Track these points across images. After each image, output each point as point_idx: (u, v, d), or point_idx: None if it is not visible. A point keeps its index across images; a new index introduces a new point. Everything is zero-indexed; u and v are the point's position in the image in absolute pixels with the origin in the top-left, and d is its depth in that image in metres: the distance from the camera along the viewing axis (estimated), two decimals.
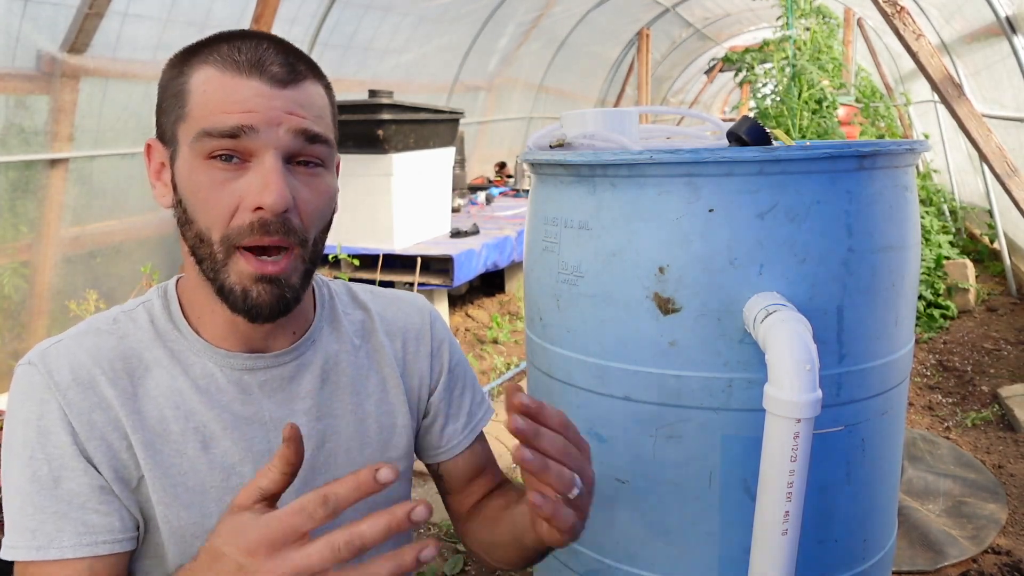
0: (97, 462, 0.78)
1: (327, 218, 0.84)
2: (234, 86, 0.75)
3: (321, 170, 0.81)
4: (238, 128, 0.74)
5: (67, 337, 0.83)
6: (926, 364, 3.81)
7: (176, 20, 3.62)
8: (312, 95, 0.80)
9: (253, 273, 0.77)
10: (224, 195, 0.76)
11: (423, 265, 3.87)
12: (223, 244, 0.76)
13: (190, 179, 0.77)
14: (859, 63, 7.54)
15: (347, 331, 0.95)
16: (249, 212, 0.75)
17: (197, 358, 0.85)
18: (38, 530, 0.75)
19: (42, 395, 0.78)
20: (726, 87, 15.57)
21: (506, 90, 7.73)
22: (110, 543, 0.77)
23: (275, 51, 0.78)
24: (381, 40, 5.44)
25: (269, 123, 0.75)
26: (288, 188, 0.76)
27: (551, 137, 1.19)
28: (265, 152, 0.75)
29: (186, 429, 0.82)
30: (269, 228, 0.75)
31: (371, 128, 3.72)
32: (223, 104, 0.75)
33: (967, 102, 2.96)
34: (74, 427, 0.77)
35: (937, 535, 2.24)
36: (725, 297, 0.95)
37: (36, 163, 3.14)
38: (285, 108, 0.76)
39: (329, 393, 0.91)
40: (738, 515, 1.00)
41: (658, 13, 9.17)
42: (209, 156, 0.76)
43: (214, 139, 0.75)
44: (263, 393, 0.86)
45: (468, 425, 1.03)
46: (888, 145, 0.98)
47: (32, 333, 3.25)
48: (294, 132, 0.76)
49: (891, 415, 1.08)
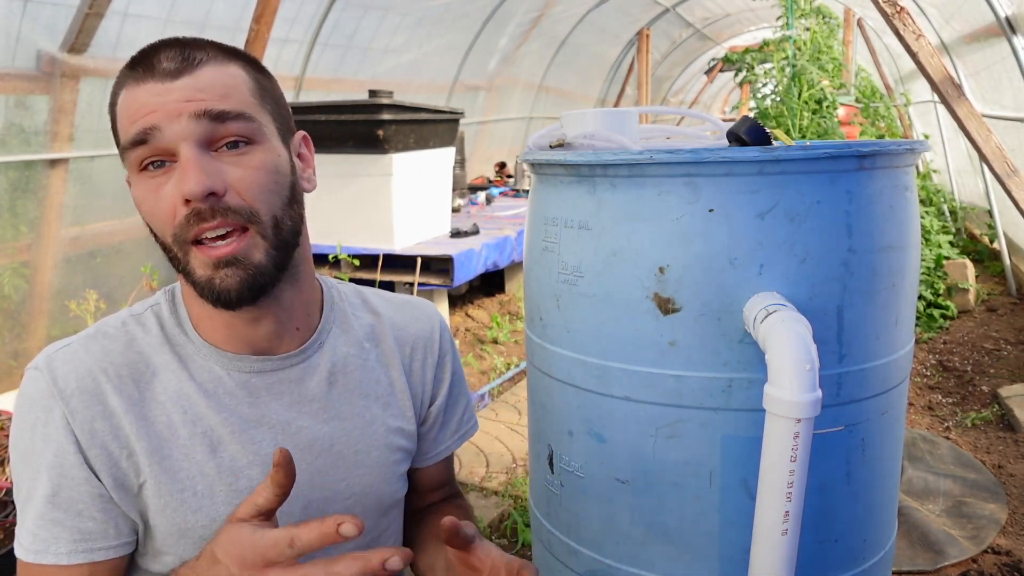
0: (97, 470, 0.79)
1: (279, 191, 0.81)
2: (134, 95, 0.76)
3: (250, 147, 0.79)
4: (141, 132, 0.75)
5: (75, 341, 0.83)
6: (926, 364, 3.81)
7: (176, 20, 3.62)
8: (214, 77, 0.78)
9: (209, 260, 0.77)
10: (161, 200, 0.76)
11: (423, 265, 3.87)
12: (176, 244, 0.77)
13: (135, 195, 0.79)
14: (859, 63, 7.54)
15: (357, 333, 0.95)
16: (183, 207, 0.75)
17: (204, 361, 0.85)
18: (38, 534, 0.77)
19: (46, 402, 0.79)
20: (726, 87, 15.57)
21: (506, 90, 7.74)
22: (105, 549, 0.78)
23: (168, 47, 0.78)
24: (381, 40, 5.44)
25: (168, 116, 0.75)
26: (205, 172, 0.75)
27: (551, 137, 1.19)
28: (179, 146, 0.75)
29: (194, 433, 0.82)
30: (204, 215, 0.75)
31: (371, 128, 3.72)
32: (129, 116, 0.76)
33: (967, 102, 2.96)
34: (76, 435, 0.78)
35: (937, 535, 2.24)
36: (725, 297, 0.95)
37: (36, 163, 3.14)
38: (181, 97, 0.75)
39: (337, 395, 0.91)
40: (738, 515, 1.00)
41: (658, 13, 9.17)
42: (141, 169, 0.77)
43: (131, 151, 0.76)
44: (270, 396, 0.86)
45: (457, 433, 1.06)
46: (888, 145, 0.98)
47: (32, 333, 3.25)
48: (196, 116, 0.75)
49: (891, 415, 1.08)
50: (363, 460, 0.92)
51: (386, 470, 0.94)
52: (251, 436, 0.84)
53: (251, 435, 0.84)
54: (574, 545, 1.15)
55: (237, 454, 0.83)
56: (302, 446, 0.87)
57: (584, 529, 1.12)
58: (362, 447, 0.92)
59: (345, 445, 0.90)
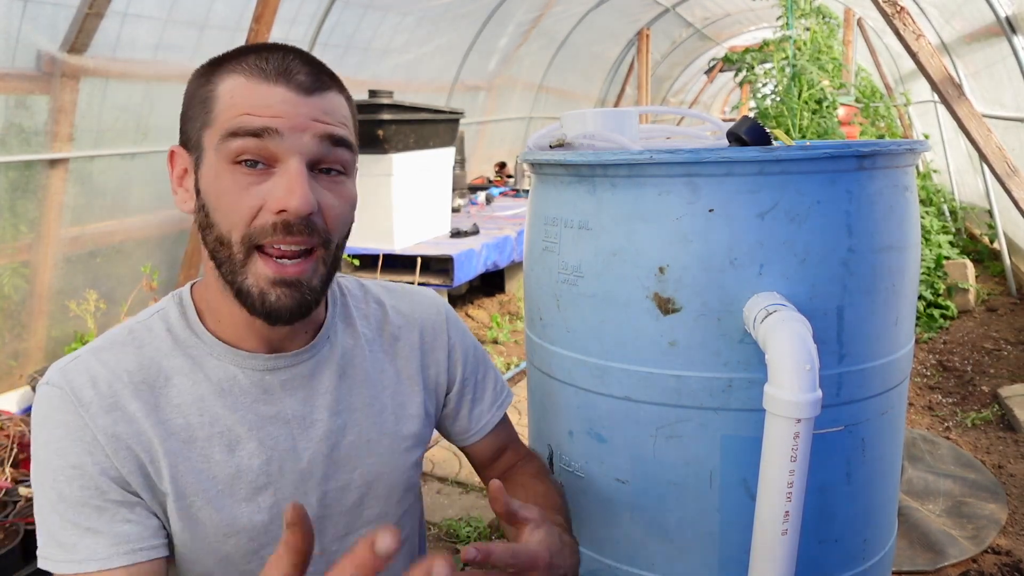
0: (126, 473, 0.79)
1: (349, 224, 0.86)
2: (261, 92, 0.77)
3: (343, 177, 0.83)
4: (263, 129, 0.76)
5: (84, 353, 0.83)
6: (926, 364, 3.81)
7: (176, 20, 3.62)
8: (336, 104, 0.82)
9: (271, 276, 0.78)
10: (247, 197, 0.77)
11: (423, 265, 3.87)
12: (243, 244, 0.77)
13: (214, 183, 0.78)
14: (859, 63, 7.53)
15: (360, 326, 0.97)
16: (272, 214, 0.76)
17: (218, 361, 0.85)
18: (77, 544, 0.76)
19: (65, 416, 0.78)
20: (726, 87, 15.57)
21: (506, 90, 7.73)
22: (146, 550, 0.78)
23: (301, 61, 0.80)
24: (381, 40, 5.44)
25: (294, 128, 0.77)
26: (312, 193, 0.77)
27: (551, 137, 1.19)
28: (290, 157, 0.77)
29: (212, 434, 0.83)
30: (292, 229, 0.77)
31: (371, 128, 3.72)
32: (249, 107, 0.77)
33: (967, 102, 2.96)
34: (101, 442, 0.78)
35: (937, 535, 2.24)
36: (725, 297, 0.95)
37: (36, 163, 3.14)
38: (311, 115, 0.78)
39: (347, 388, 0.93)
40: (738, 515, 1.00)
41: (658, 13, 9.16)
42: (234, 161, 0.77)
43: (239, 139, 0.76)
44: (285, 392, 0.88)
45: (494, 404, 1.08)
46: (888, 145, 0.98)
47: (32, 333, 3.25)
48: (320, 137, 0.78)
49: (891, 415, 1.08)
50: (374, 449, 0.93)
51: (397, 458, 0.96)
52: (268, 432, 0.86)
53: (268, 431, 0.86)
54: None
55: (255, 451, 0.85)
56: (317, 439, 0.89)
57: (584, 529, 1.12)
58: (373, 436, 0.93)
59: (357, 435, 0.92)
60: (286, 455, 0.86)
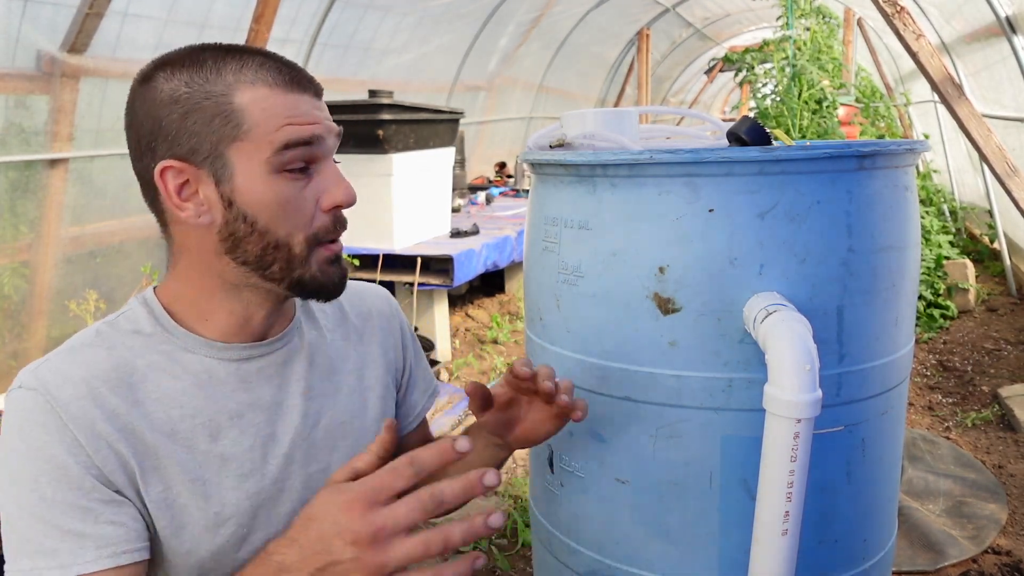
0: (109, 471, 0.78)
1: None
2: (292, 100, 0.82)
3: None
4: (312, 136, 0.82)
5: (54, 357, 0.83)
6: (926, 364, 3.81)
7: (176, 20, 3.62)
8: None
9: (331, 256, 0.87)
10: (303, 201, 0.84)
11: (423, 265, 3.86)
12: (308, 244, 0.84)
13: (266, 193, 0.82)
14: (859, 63, 7.53)
15: (319, 319, 1.02)
16: (325, 212, 0.85)
17: (193, 355, 0.87)
18: (59, 549, 0.75)
19: (42, 417, 0.77)
20: (726, 87, 15.57)
21: (506, 90, 7.73)
22: (130, 552, 0.78)
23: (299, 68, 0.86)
24: (381, 40, 5.43)
25: (327, 131, 0.85)
26: None
27: (551, 137, 1.19)
28: (326, 158, 0.86)
29: (194, 426, 0.84)
30: (343, 222, 0.87)
31: (371, 128, 3.72)
32: (287, 117, 0.81)
33: (967, 102, 2.96)
34: (81, 442, 0.77)
35: (937, 535, 2.24)
36: (725, 297, 0.95)
37: (36, 163, 3.14)
38: (327, 117, 0.86)
39: (317, 375, 0.97)
40: (738, 515, 1.00)
41: (658, 13, 9.16)
42: (283, 170, 0.82)
43: (292, 149, 0.81)
44: (261, 379, 0.90)
45: (426, 392, 1.15)
46: (888, 145, 0.98)
47: (32, 333, 3.25)
48: (336, 136, 0.87)
49: (891, 415, 1.08)
50: (348, 431, 0.98)
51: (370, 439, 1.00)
52: (248, 420, 0.88)
53: (248, 419, 0.88)
54: (574, 545, 1.15)
55: (237, 439, 0.87)
56: (295, 424, 0.92)
57: (584, 529, 1.12)
58: (345, 419, 0.98)
59: (330, 419, 0.96)
60: (267, 440, 0.89)
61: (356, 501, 0.66)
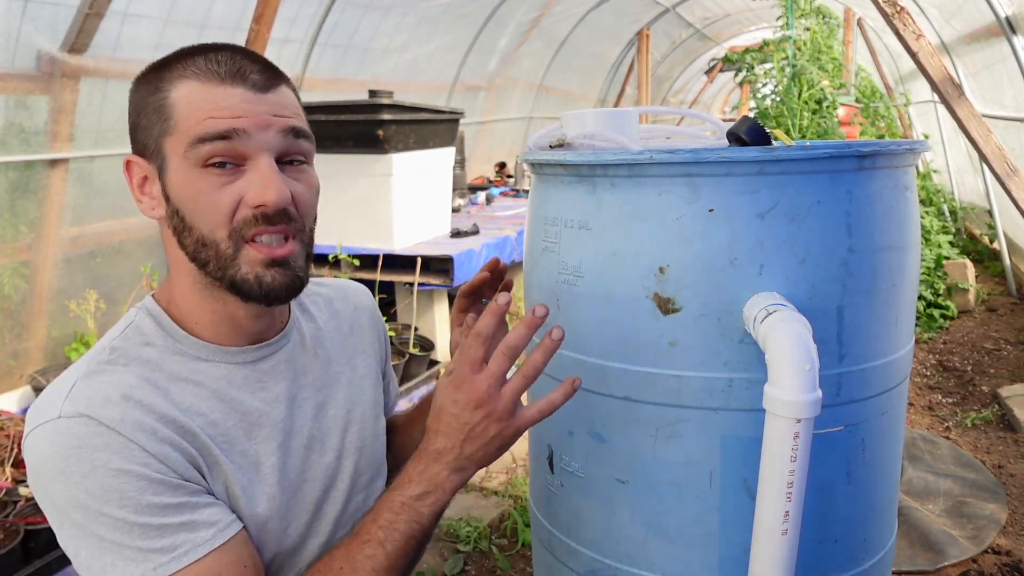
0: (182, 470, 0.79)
1: (315, 208, 0.91)
2: (220, 94, 0.80)
3: (306, 166, 0.88)
4: (230, 131, 0.78)
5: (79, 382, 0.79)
6: (926, 364, 3.81)
7: (176, 20, 3.62)
8: (289, 97, 0.86)
9: (263, 259, 0.82)
10: (224, 196, 0.80)
11: (423, 265, 3.86)
12: (231, 239, 0.81)
13: (188, 188, 0.80)
14: (859, 63, 7.53)
15: (313, 312, 1.05)
16: (250, 208, 0.80)
17: (207, 364, 0.87)
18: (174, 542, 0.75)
19: (102, 440, 0.74)
20: (726, 87, 15.57)
21: (506, 90, 7.73)
22: (236, 522, 0.81)
23: (250, 60, 0.83)
24: (381, 40, 5.43)
25: (259, 126, 0.80)
26: (285, 185, 0.82)
27: (551, 137, 1.19)
28: (259, 155, 0.81)
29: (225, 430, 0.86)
30: (272, 219, 0.81)
31: (371, 128, 3.71)
32: (212, 111, 0.79)
33: (967, 102, 2.96)
34: (149, 451, 0.76)
35: (937, 535, 2.24)
36: (725, 297, 0.95)
37: (36, 163, 3.14)
38: (271, 111, 0.82)
39: (320, 367, 1.00)
40: (738, 515, 1.00)
41: (658, 13, 9.16)
42: (204, 164, 0.79)
43: (207, 143, 0.78)
44: (274, 376, 0.92)
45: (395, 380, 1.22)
46: (888, 145, 0.98)
47: (32, 333, 3.24)
48: (284, 131, 0.82)
49: (891, 415, 1.08)
50: (354, 417, 1.02)
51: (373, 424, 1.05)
52: (270, 418, 0.90)
53: (272, 415, 0.90)
54: (574, 545, 1.15)
55: (270, 435, 0.89)
56: (310, 414, 0.95)
57: (584, 529, 1.12)
58: (350, 406, 1.02)
59: (337, 408, 0.99)
60: (291, 435, 0.92)
61: (461, 378, 0.82)
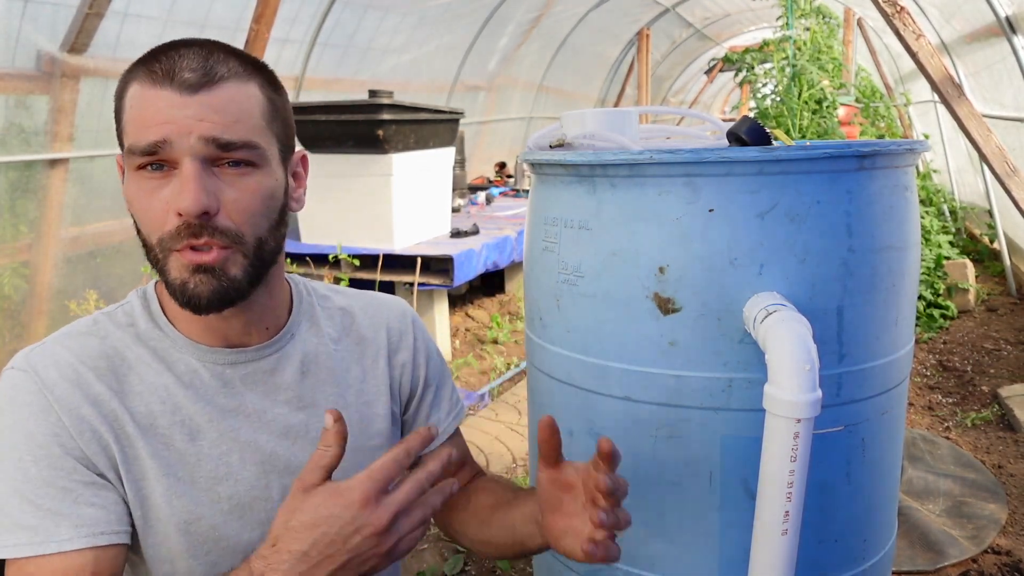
0: (91, 454, 0.80)
1: (269, 214, 0.84)
2: (151, 99, 0.77)
3: (251, 169, 0.81)
4: (153, 145, 0.76)
5: (49, 340, 0.85)
6: (926, 364, 3.81)
7: (176, 20, 3.62)
8: (230, 97, 0.79)
9: (188, 264, 0.79)
10: (155, 202, 0.79)
11: (423, 265, 3.86)
12: (159, 248, 0.80)
13: (129, 191, 0.81)
14: (859, 63, 7.53)
15: (325, 327, 0.99)
16: (175, 218, 0.78)
17: (180, 355, 0.87)
18: (38, 527, 0.76)
19: (29, 397, 0.79)
20: (726, 87, 15.56)
21: (506, 90, 7.73)
22: (108, 535, 0.78)
23: (192, 56, 0.78)
24: (381, 40, 5.43)
25: (180, 132, 0.76)
26: (205, 192, 0.76)
27: (551, 137, 1.19)
28: (183, 159, 0.77)
29: (173, 423, 0.85)
30: (195, 231, 0.77)
31: (371, 128, 3.71)
32: (143, 119, 0.77)
33: (967, 102, 2.96)
34: (65, 423, 0.79)
35: (937, 535, 2.24)
36: (725, 297, 0.95)
37: (36, 163, 3.14)
38: (196, 115, 0.77)
39: (311, 385, 0.95)
40: (738, 515, 1.00)
41: (658, 13, 9.16)
42: (139, 168, 0.79)
43: (136, 156, 0.78)
44: (245, 386, 0.90)
45: (450, 414, 1.09)
46: (888, 145, 0.98)
47: (32, 333, 3.25)
48: (204, 140, 0.77)
49: (891, 415, 1.08)
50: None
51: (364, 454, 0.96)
52: (229, 424, 0.88)
53: (229, 423, 0.88)
54: None
55: (216, 441, 0.87)
56: (278, 433, 0.91)
57: None
58: None
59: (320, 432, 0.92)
60: (246, 447, 0.88)
61: (367, 497, 0.71)
